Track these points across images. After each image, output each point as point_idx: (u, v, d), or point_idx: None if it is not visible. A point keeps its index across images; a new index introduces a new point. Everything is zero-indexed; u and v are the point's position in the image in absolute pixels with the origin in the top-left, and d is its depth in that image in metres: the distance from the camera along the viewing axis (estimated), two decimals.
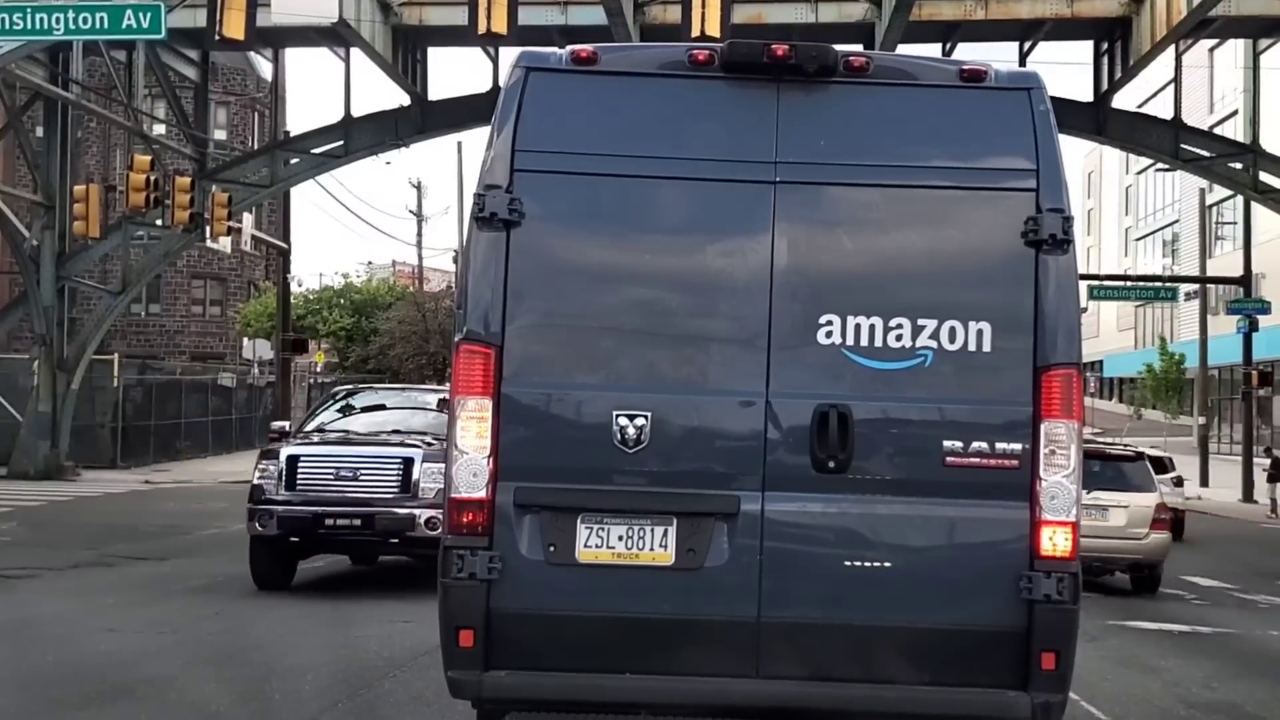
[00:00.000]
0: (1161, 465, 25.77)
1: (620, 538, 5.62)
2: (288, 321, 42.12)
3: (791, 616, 5.57)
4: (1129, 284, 45.20)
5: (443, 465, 7.20)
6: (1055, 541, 5.56)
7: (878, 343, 5.62)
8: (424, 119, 35.47)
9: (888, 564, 5.59)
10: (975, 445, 5.58)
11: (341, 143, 35.70)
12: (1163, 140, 34.85)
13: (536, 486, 5.63)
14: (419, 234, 69.74)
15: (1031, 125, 5.77)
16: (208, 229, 33.10)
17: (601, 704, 5.64)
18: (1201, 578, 20.30)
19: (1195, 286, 65.93)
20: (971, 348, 5.62)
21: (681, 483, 5.63)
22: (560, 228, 5.75)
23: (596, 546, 5.62)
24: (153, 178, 29.09)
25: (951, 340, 5.62)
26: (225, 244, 36.83)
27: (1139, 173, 74.96)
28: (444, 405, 10.15)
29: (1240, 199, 58.45)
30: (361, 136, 35.64)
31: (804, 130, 5.74)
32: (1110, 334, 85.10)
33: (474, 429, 5.58)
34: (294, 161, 36.30)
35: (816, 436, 5.57)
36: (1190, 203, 65.25)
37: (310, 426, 15.84)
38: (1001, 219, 5.71)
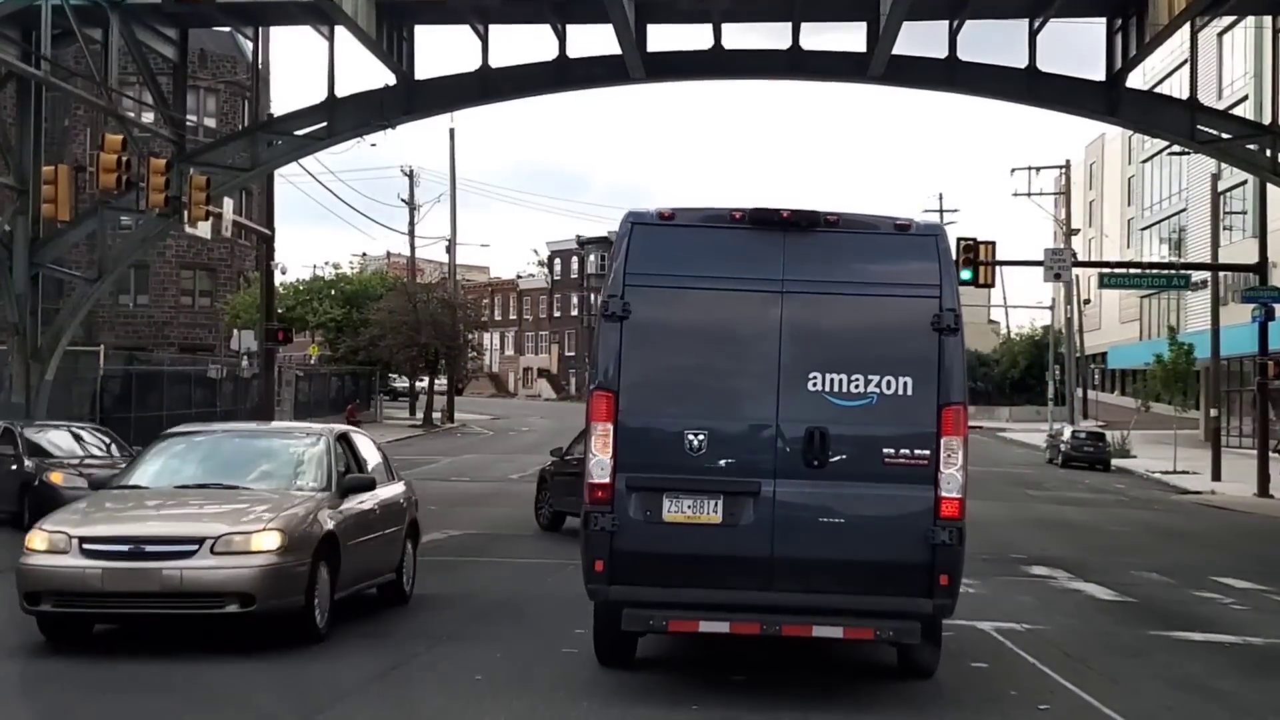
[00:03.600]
0: None
1: (689, 506, 9.11)
2: (272, 311, 40.79)
3: (791, 554, 9.12)
4: (1140, 272, 43.78)
5: None
6: (949, 508, 9.09)
7: (844, 389, 9.15)
8: (410, 99, 34.06)
9: (849, 522, 9.16)
10: (902, 451, 9.10)
11: (325, 124, 34.25)
12: (1178, 121, 33.44)
13: (639, 476, 9.12)
14: (411, 223, 68.23)
15: (937, 257, 9.35)
16: (186, 214, 31.66)
17: (678, 604, 9.13)
18: (1232, 578, 19.10)
19: (1203, 277, 64.79)
20: (900, 393, 9.15)
21: (726, 474, 9.17)
22: (653, 319, 9.24)
23: (675, 511, 9.12)
24: (125, 158, 27.69)
25: (889, 388, 9.14)
26: (205, 229, 35.37)
27: (1144, 161, 73.61)
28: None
29: (1249, 187, 57.41)
30: (345, 118, 34.22)
31: (800, 260, 9.31)
32: (1113, 326, 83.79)
33: (601, 442, 9.05)
34: (276, 144, 34.87)
35: (806, 446, 9.18)
36: (1198, 191, 63.79)
37: None
38: (918, 313, 9.17)
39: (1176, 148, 39.90)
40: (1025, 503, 34.08)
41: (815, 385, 9.22)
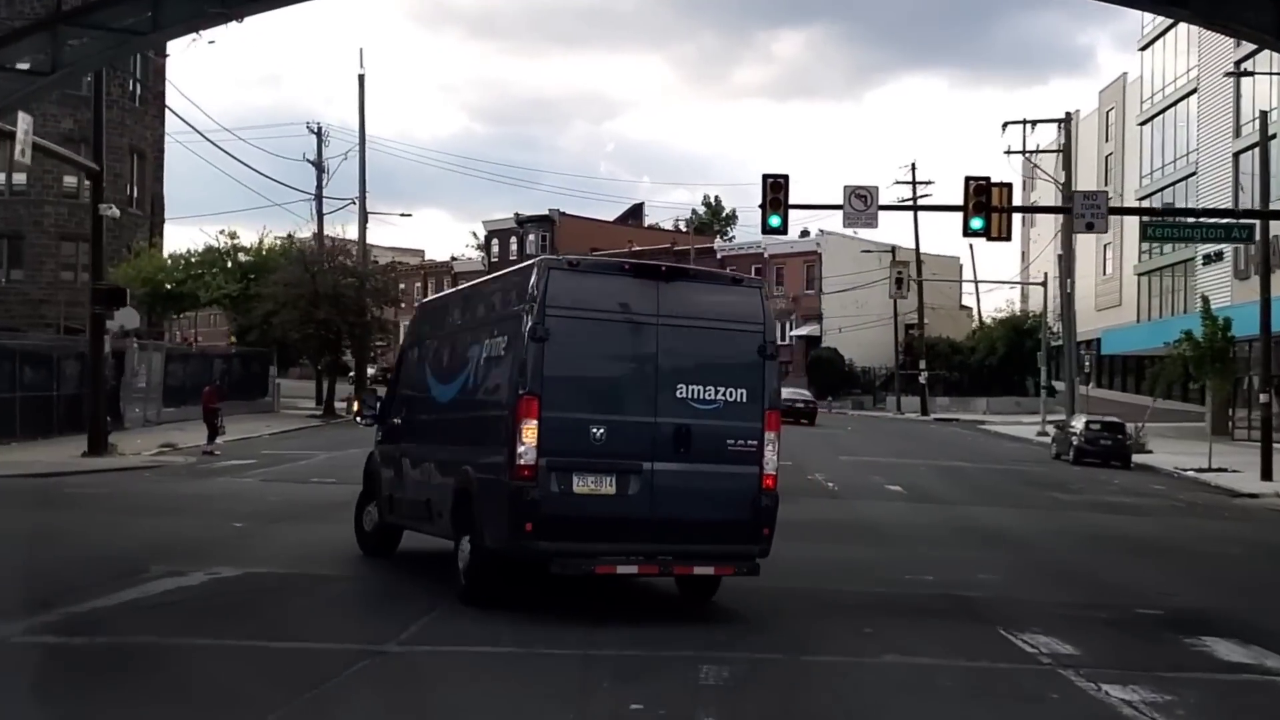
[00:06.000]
0: None
1: (592, 482, 11.87)
2: (101, 267, 32.34)
3: (666, 515, 11.97)
4: (1194, 221, 35.89)
5: None
6: (769, 481, 12.26)
7: (701, 397, 12.14)
8: None
9: (705, 492, 12.09)
10: (739, 441, 12.17)
11: (149, 14, 25.96)
12: (1262, 14, 25.64)
13: (556, 459, 11.75)
14: (319, 186, 59.86)
15: (761, 302, 12.73)
16: None
17: (587, 553, 11.88)
18: None
19: (1216, 250, 57.53)
20: (739, 400, 12.23)
21: (618, 456, 11.96)
22: (565, 341, 11.86)
23: (582, 485, 11.83)
24: None
25: (730, 397, 12.20)
26: None
27: (1142, 123, 66.19)
28: None
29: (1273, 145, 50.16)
30: (176, 5, 25.89)
31: (670, 300, 12.25)
32: (1089, 313, 75.67)
33: (530, 434, 11.64)
34: (83, 41, 26.48)
35: (675, 437, 12.03)
36: (1212, 150, 56.65)
37: None
38: (749, 344, 12.41)
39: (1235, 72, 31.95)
40: (1063, 510, 26.26)
41: (681, 394, 12.12)
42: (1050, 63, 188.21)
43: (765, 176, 30.88)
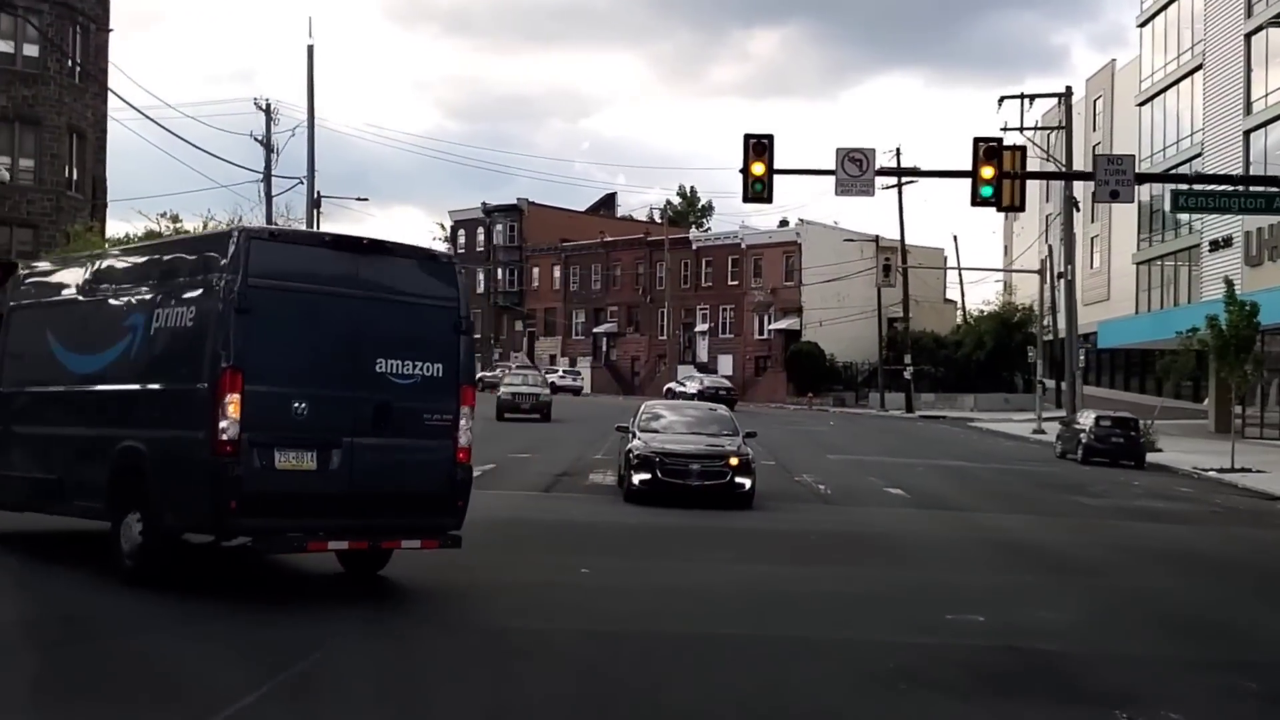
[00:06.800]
0: None
1: (294, 457, 11.57)
2: None
3: (365, 488, 11.91)
4: (1234, 189, 32.13)
5: None
6: (463, 455, 12.55)
7: (401, 372, 12.21)
8: None
9: (403, 465, 12.17)
10: (436, 415, 12.36)
11: None
12: None
13: (259, 434, 11.35)
14: (267, 166, 55.75)
15: (456, 278, 12.91)
16: None
17: (292, 530, 11.54)
18: None
19: (1228, 235, 54.14)
20: (435, 375, 12.39)
21: (319, 432, 11.72)
22: (266, 313, 11.49)
23: (284, 460, 11.50)
24: None
25: (428, 371, 12.34)
26: None
27: (1141, 104, 62.70)
28: None
29: None
30: None
31: (370, 274, 12.24)
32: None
33: (234, 409, 11.18)
34: None
35: (375, 412, 11.98)
36: (1219, 130, 53.28)
37: None
38: (447, 319, 12.61)
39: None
40: (1095, 518, 22.75)
41: (381, 368, 12.10)
42: (1025, 62, 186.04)
43: (747, 137, 26.96)
